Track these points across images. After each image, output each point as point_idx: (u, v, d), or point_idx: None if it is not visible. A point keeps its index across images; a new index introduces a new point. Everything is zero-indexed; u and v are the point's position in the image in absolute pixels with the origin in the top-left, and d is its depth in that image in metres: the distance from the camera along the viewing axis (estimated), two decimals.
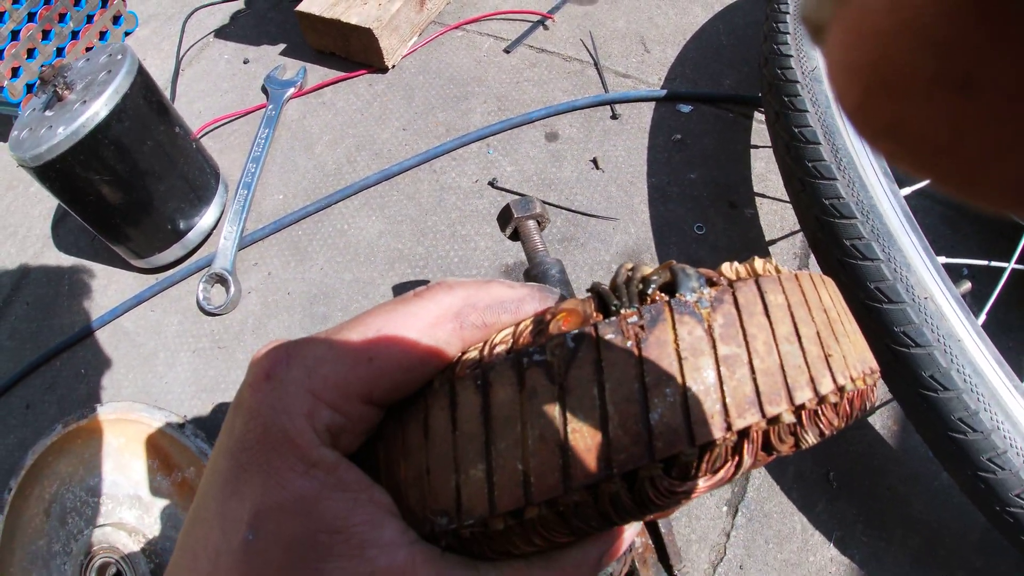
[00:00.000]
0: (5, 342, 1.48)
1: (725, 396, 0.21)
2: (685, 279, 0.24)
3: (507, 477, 0.21)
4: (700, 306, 0.23)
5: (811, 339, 0.23)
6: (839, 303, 0.27)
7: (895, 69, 0.10)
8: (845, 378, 0.23)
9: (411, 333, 0.23)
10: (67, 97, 1.27)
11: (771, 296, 0.23)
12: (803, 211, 1.07)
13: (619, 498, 0.21)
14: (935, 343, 0.90)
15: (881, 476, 1.05)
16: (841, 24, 0.11)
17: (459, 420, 0.22)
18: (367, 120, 1.55)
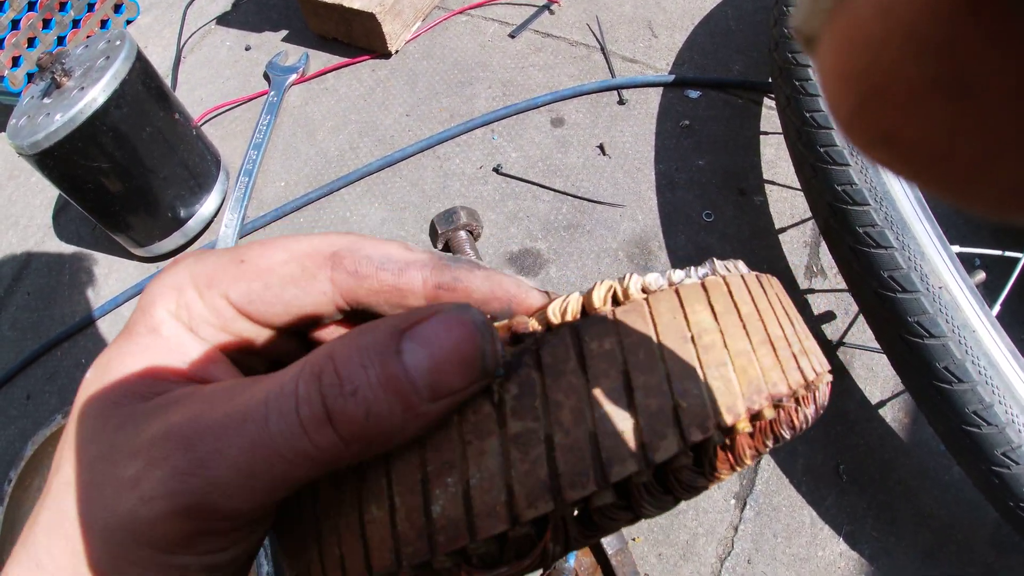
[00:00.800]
0: (6, 332, 1.47)
1: (512, 483, 0.18)
2: None
3: (331, 560, 0.21)
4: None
5: (652, 389, 0.19)
6: (733, 315, 0.21)
7: (887, 76, 0.09)
8: (705, 429, 0.18)
9: (283, 254, 0.23)
10: (65, 84, 1.25)
11: (593, 344, 0.19)
12: (814, 198, 1.05)
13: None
14: (950, 334, 0.88)
15: (891, 470, 1.03)
16: (832, 33, 0.10)
17: (301, 504, 0.22)
18: (370, 106, 1.53)
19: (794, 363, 0.21)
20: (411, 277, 0.23)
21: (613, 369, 0.19)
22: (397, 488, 0.20)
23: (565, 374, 0.19)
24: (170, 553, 0.19)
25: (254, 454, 0.19)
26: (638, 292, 0.21)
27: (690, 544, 1.02)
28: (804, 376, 0.21)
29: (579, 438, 0.18)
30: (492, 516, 0.18)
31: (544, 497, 0.18)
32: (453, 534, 0.19)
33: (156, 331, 0.22)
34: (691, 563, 1.01)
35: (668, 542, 1.02)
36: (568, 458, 0.18)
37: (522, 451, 0.18)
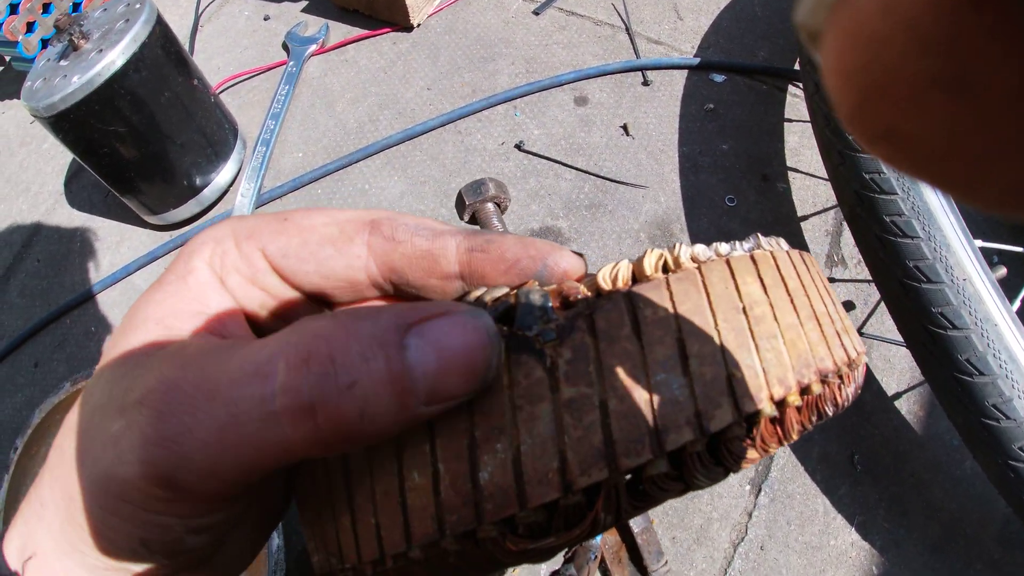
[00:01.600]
0: (15, 299, 1.46)
1: (566, 450, 0.18)
2: (527, 306, 0.20)
3: (365, 529, 0.20)
4: (543, 339, 0.19)
5: (706, 358, 0.18)
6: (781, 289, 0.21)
7: (890, 72, 0.09)
8: (759, 400, 0.18)
9: (325, 217, 0.23)
10: (83, 47, 1.23)
11: (647, 310, 0.19)
12: (841, 185, 1.04)
13: (466, 556, 0.19)
14: (972, 326, 0.88)
15: (905, 462, 1.03)
16: (836, 29, 0.10)
17: (329, 469, 0.21)
18: (391, 79, 1.51)
19: (838, 340, 0.21)
20: (444, 242, 0.22)
21: (668, 336, 0.18)
22: (442, 454, 0.19)
23: (619, 340, 0.18)
24: (150, 512, 0.19)
25: (221, 438, 0.18)
26: (688, 261, 0.20)
27: (704, 529, 1.01)
28: (847, 354, 0.21)
29: (634, 405, 0.18)
30: (543, 483, 0.18)
31: (598, 465, 0.17)
32: (502, 502, 0.18)
33: (184, 279, 0.22)
34: (704, 547, 1.00)
35: (682, 526, 1.02)
36: (623, 425, 0.18)
37: (575, 417, 0.18)
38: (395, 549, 0.19)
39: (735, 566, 0.99)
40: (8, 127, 1.77)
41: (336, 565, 0.21)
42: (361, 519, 0.20)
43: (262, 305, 0.23)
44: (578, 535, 0.19)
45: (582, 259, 0.23)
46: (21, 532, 0.22)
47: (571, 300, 0.20)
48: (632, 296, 0.19)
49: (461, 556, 0.19)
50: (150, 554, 0.20)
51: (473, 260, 0.22)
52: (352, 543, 0.20)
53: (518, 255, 0.22)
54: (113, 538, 0.20)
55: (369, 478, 0.20)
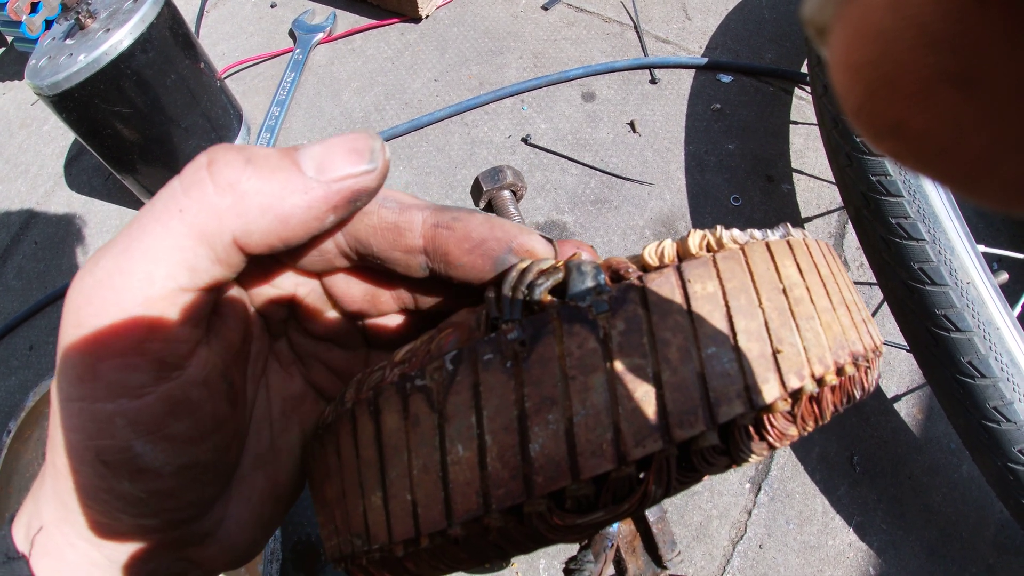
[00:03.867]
0: (11, 281, 1.45)
1: (620, 421, 0.18)
2: (579, 277, 0.20)
3: (399, 507, 0.20)
4: (596, 310, 0.19)
5: (753, 334, 0.19)
6: (815, 274, 0.21)
7: (897, 68, 0.10)
8: (802, 377, 0.18)
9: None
10: (89, 26, 1.22)
11: (697, 285, 0.19)
12: (848, 187, 1.04)
13: (509, 533, 0.19)
14: (975, 329, 0.89)
15: (903, 464, 1.04)
16: (843, 24, 0.11)
17: (359, 446, 0.21)
18: (398, 69, 1.51)
19: (865, 327, 0.22)
20: (411, 216, 0.22)
21: (717, 311, 0.19)
22: (489, 426, 0.18)
23: (672, 313, 0.18)
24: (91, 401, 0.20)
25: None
26: (731, 242, 0.20)
27: (703, 526, 1.01)
28: (873, 340, 0.22)
29: (687, 377, 0.18)
30: (597, 455, 0.17)
31: (653, 436, 0.17)
32: (553, 474, 0.18)
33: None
34: (704, 544, 1.00)
35: (682, 523, 1.02)
36: (676, 396, 0.18)
37: (630, 388, 0.18)
38: (433, 527, 0.19)
39: (734, 564, 0.99)
40: (8, 108, 1.75)
41: (361, 547, 0.21)
42: (395, 496, 0.20)
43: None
44: (626, 509, 0.18)
45: (551, 244, 0.23)
46: (28, 509, 0.22)
47: (621, 273, 0.20)
48: (681, 271, 0.19)
49: (503, 533, 0.19)
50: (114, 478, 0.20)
51: (438, 236, 0.22)
52: (383, 522, 0.20)
53: (484, 236, 0.22)
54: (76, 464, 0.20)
55: (406, 453, 0.20)
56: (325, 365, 0.28)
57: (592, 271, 0.20)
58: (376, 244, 0.23)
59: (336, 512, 0.22)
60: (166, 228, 0.19)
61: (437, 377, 0.20)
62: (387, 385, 0.21)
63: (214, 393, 0.22)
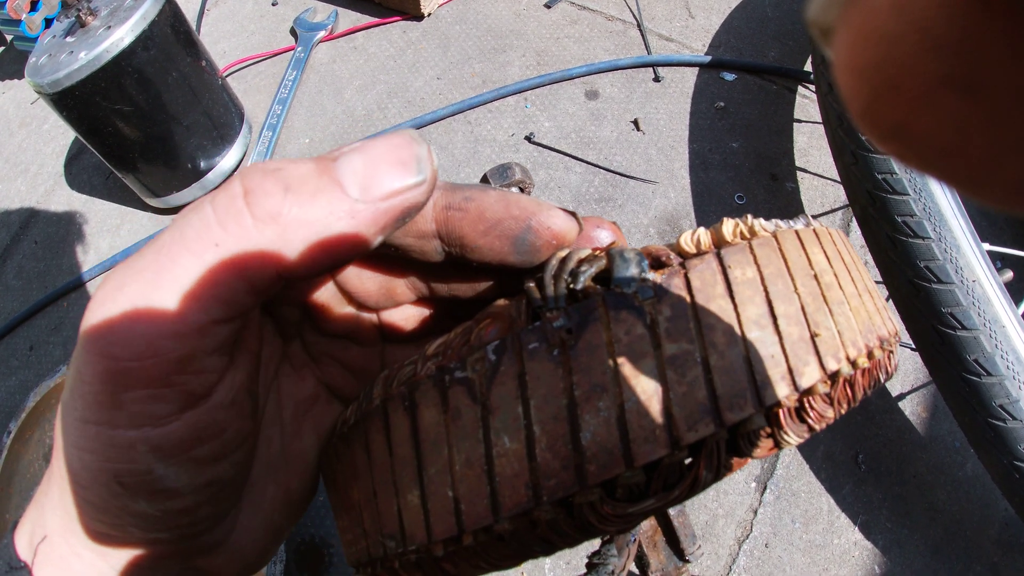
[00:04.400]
0: (11, 281, 1.44)
1: (671, 406, 0.18)
2: (623, 264, 0.19)
3: (439, 504, 0.19)
4: (641, 296, 0.19)
5: (792, 318, 0.19)
6: (840, 262, 0.22)
7: (901, 71, 0.10)
8: (839, 360, 0.19)
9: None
10: (90, 23, 1.21)
11: (736, 271, 0.19)
12: (853, 185, 1.04)
13: (558, 525, 0.19)
14: (981, 327, 0.89)
15: (908, 463, 1.03)
16: (847, 26, 0.11)
17: (393, 443, 0.21)
18: (400, 67, 1.51)
19: (887, 313, 0.23)
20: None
21: (757, 296, 0.19)
22: (537, 416, 0.18)
23: (715, 298, 0.19)
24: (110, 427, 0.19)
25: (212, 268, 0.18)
26: (761, 230, 0.21)
27: (710, 525, 1.01)
28: (894, 325, 0.23)
29: (734, 361, 0.18)
30: (651, 441, 0.17)
31: (705, 420, 0.17)
32: (606, 462, 0.17)
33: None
34: (710, 544, 1.00)
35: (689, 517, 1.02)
36: (725, 380, 0.18)
37: (679, 372, 0.18)
38: (478, 523, 0.19)
39: (739, 563, 0.99)
40: (8, 107, 1.74)
41: (394, 548, 0.20)
42: (435, 493, 0.19)
43: None
44: (677, 496, 0.18)
45: (574, 218, 0.22)
46: (32, 517, 0.21)
47: (662, 260, 0.20)
48: (721, 257, 0.19)
49: (552, 526, 0.18)
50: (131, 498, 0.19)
51: (451, 219, 0.21)
52: (421, 521, 0.19)
53: (499, 215, 0.21)
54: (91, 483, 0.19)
55: (446, 448, 0.19)
56: (340, 363, 0.27)
57: (635, 258, 0.20)
58: None
59: (365, 514, 0.22)
60: (200, 261, 0.18)
61: (479, 368, 0.19)
62: (423, 379, 0.20)
63: (240, 412, 0.21)
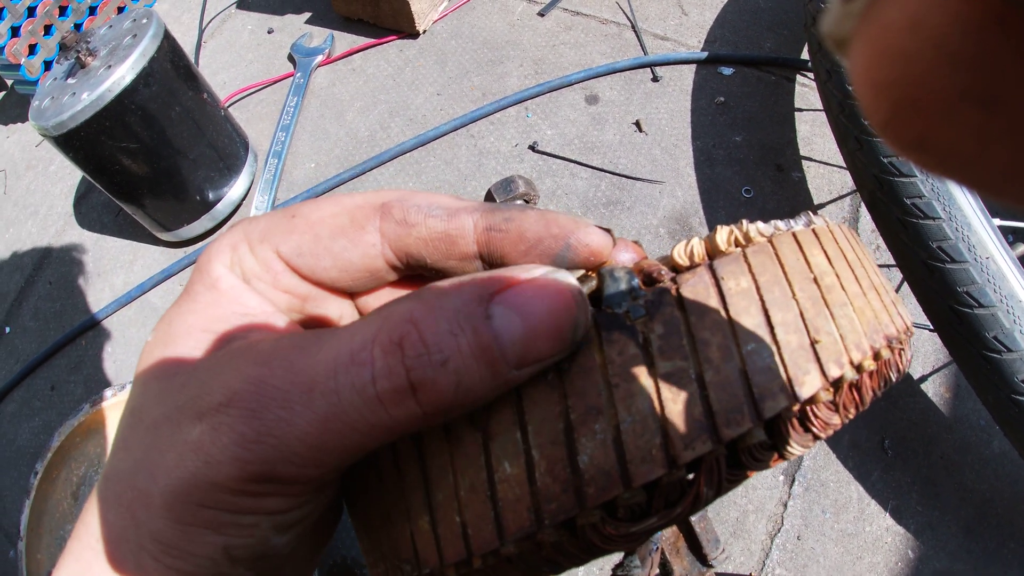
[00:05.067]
0: (28, 323, 1.45)
1: (667, 425, 0.18)
2: (613, 283, 0.20)
3: (448, 529, 0.19)
4: (633, 315, 0.19)
5: (790, 326, 0.18)
6: (843, 260, 0.21)
7: (919, 87, 0.10)
8: (841, 365, 0.18)
9: (334, 207, 0.22)
10: (90, 64, 1.22)
11: (730, 282, 0.19)
12: (860, 171, 1.04)
13: (563, 546, 0.19)
14: (998, 303, 0.88)
15: (934, 444, 1.03)
16: (864, 42, 0.11)
17: (402, 470, 0.21)
18: (399, 86, 1.52)
19: (895, 309, 0.22)
20: (461, 222, 0.21)
21: (753, 306, 0.19)
22: (535, 440, 0.18)
23: (708, 312, 0.18)
24: (238, 514, 0.19)
25: (325, 427, 0.18)
26: (758, 236, 0.20)
27: (740, 521, 1.01)
28: (904, 321, 0.22)
29: (729, 375, 0.18)
30: (648, 461, 0.17)
31: (702, 437, 0.17)
32: (604, 484, 0.18)
33: (215, 287, 0.22)
34: (741, 540, 1.00)
35: (718, 519, 1.01)
36: (721, 395, 0.18)
37: (674, 390, 0.18)
38: (485, 547, 0.19)
39: (773, 557, 0.99)
40: (13, 151, 1.76)
41: (411, 572, 0.20)
42: (443, 519, 0.19)
43: (289, 307, 0.23)
44: (679, 513, 0.18)
45: (609, 234, 0.22)
46: (72, 570, 0.20)
47: (654, 276, 0.20)
48: (714, 269, 0.19)
49: (557, 547, 0.19)
50: (232, 566, 0.19)
51: (492, 240, 0.21)
52: (432, 546, 0.20)
53: (539, 234, 0.21)
54: (192, 554, 0.19)
55: (451, 475, 0.19)
56: None
57: (625, 276, 0.20)
58: (429, 256, 0.22)
59: (382, 538, 0.22)
60: (357, 426, 0.19)
61: None
62: None
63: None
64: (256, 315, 0.22)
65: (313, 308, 0.23)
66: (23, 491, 1.08)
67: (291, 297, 0.22)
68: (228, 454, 0.18)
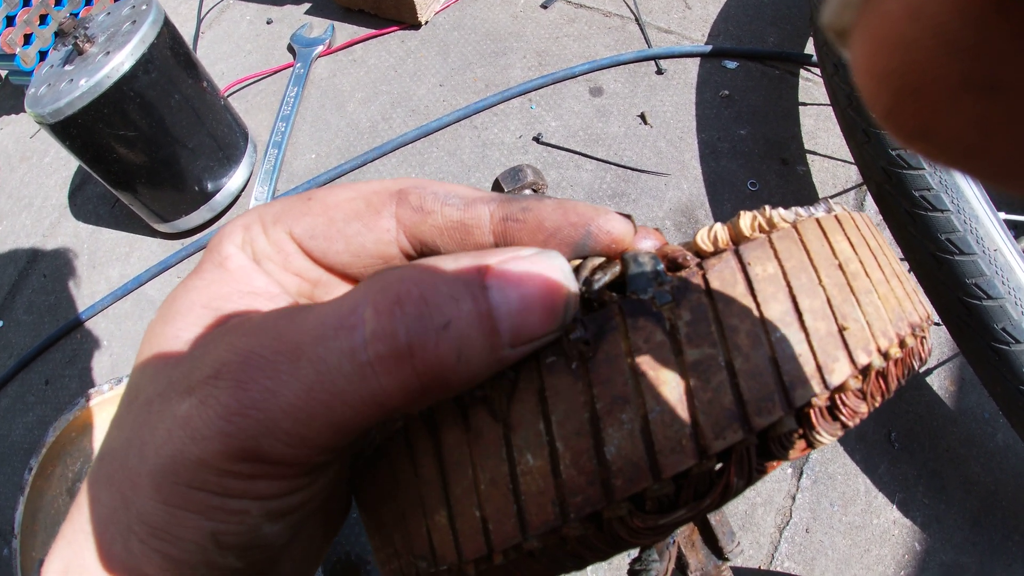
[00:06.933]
0: (22, 316, 1.43)
1: (697, 414, 0.17)
2: (637, 268, 0.19)
3: (467, 524, 0.19)
4: (659, 302, 0.18)
5: (818, 312, 0.18)
6: (866, 247, 0.21)
7: (921, 76, 0.10)
8: (870, 353, 0.18)
9: (350, 192, 0.22)
10: (88, 50, 1.20)
11: (757, 268, 0.18)
12: (868, 163, 1.04)
13: (588, 540, 0.18)
14: (1006, 295, 0.89)
15: (940, 437, 1.03)
16: (864, 32, 0.11)
17: (418, 465, 0.20)
18: (401, 77, 1.50)
19: (917, 297, 0.22)
20: (477, 211, 0.21)
21: (780, 292, 0.18)
22: (559, 432, 0.18)
23: (736, 298, 0.18)
24: (226, 496, 0.18)
25: (311, 397, 0.17)
26: (780, 221, 0.20)
27: (749, 515, 1.00)
28: (926, 309, 0.22)
29: (759, 363, 0.17)
30: (677, 451, 0.17)
31: (732, 426, 0.17)
32: (632, 476, 0.17)
33: (223, 265, 0.21)
34: (750, 533, 0.99)
35: (727, 513, 1.01)
36: (751, 384, 0.17)
37: (703, 379, 0.17)
38: (507, 542, 0.18)
39: (781, 550, 0.98)
40: (7, 143, 1.73)
41: (427, 569, 0.20)
42: (462, 513, 0.19)
43: (299, 291, 0.22)
44: (708, 505, 0.18)
45: (630, 220, 0.21)
46: (64, 555, 0.20)
47: (679, 262, 0.19)
48: (740, 255, 0.19)
49: (582, 541, 0.18)
50: (221, 553, 0.18)
51: (508, 230, 0.21)
52: (450, 541, 0.19)
53: (558, 223, 0.21)
54: (179, 538, 0.18)
55: (470, 467, 0.19)
56: None
57: (650, 261, 0.19)
58: (444, 244, 0.21)
59: (395, 535, 0.21)
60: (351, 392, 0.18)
61: (498, 385, 0.19)
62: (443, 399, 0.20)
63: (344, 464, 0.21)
64: (261, 295, 0.21)
65: (323, 294, 0.22)
66: (17, 488, 1.06)
67: (301, 281, 0.22)
68: (214, 428, 0.17)
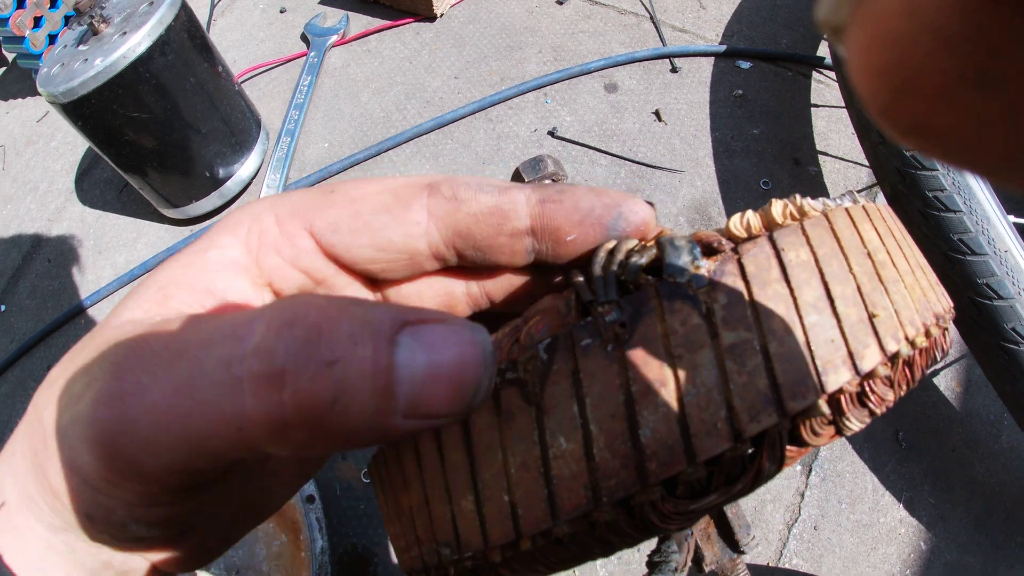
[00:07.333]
0: (25, 301, 1.41)
1: (732, 397, 0.17)
2: (674, 252, 0.19)
3: (495, 509, 0.19)
4: (695, 285, 0.18)
5: (849, 299, 0.18)
6: (891, 238, 0.21)
7: (917, 71, 0.10)
8: (898, 341, 0.18)
9: (377, 186, 0.21)
10: (103, 31, 1.20)
11: (790, 254, 0.18)
12: (881, 164, 1.05)
13: (618, 526, 0.18)
14: (1016, 296, 0.90)
15: (946, 437, 1.04)
16: (859, 28, 0.11)
17: (444, 449, 0.20)
18: (416, 68, 1.50)
19: (940, 288, 0.22)
20: (513, 196, 0.21)
21: (813, 279, 0.18)
22: (593, 414, 0.18)
23: (771, 283, 0.18)
24: (94, 489, 0.17)
25: (174, 401, 0.15)
26: (811, 210, 0.20)
27: (758, 511, 1.01)
28: (948, 300, 0.22)
29: (793, 347, 0.17)
30: (712, 435, 0.17)
31: (767, 410, 0.17)
32: (667, 459, 0.17)
33: (203, 253, 0.20)
34: (759, 530, 0.99)
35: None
36: (786, 368, 0.17)
37: (739, 362, 0.17)
38: (536, 527, 0.18)
39: (790, 547, 0.99)
40: (13, 127, 1.72)
41: (450, 556, 0.20)
42: (490, 498, 0.19)
43: (301, 290, 0.21)
44: (740, 490, 0.18)
45: (653, 208, 0.22)
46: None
47: (714, 246, 0.19)
48: (774, 240, 0.19)
49: (611, 527, 0.18)
50: (94, 527, 0.18)
51: (546, 212, 0.21)
52: (476, 527, 0.19)
53: (592, 204, 0.21)
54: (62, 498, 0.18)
55: (500, 452, 0.19)
56: None
57: (687, 245, 0.19)
58: (479, 232, 0.21)
59: (417, 522, 0.21)
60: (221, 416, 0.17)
61: (531, 368, 0.19)
62: None
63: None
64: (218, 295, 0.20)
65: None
66: None
67: (305, 279, 0.21)
68: (88, 410, 0.16)
